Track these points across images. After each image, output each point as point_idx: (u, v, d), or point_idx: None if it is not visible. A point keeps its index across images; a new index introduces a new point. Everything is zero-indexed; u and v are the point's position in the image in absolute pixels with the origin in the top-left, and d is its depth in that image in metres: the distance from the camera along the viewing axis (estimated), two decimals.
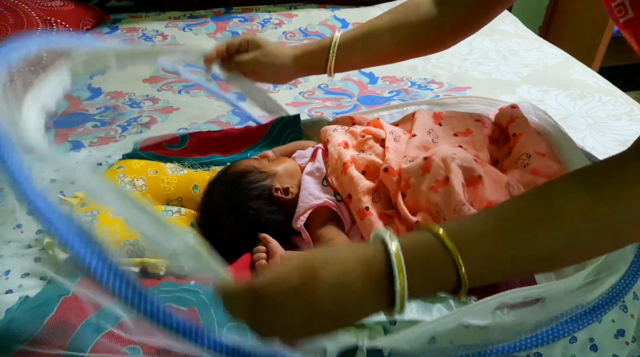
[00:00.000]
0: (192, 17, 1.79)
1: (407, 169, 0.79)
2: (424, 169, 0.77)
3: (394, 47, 0.89)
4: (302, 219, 0.81)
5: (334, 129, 0.93)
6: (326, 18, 1.79)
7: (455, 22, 0.87)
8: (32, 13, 1.46)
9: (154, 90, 1.36)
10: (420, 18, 0.86)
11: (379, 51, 0.90)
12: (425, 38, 0.89)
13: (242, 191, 0.84)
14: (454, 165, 0.74)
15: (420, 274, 0.44)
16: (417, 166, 0.77)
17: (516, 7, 2.29)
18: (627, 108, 1.22)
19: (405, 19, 0.87)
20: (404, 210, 0.76)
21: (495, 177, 0.77)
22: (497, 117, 0.94)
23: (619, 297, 0.62)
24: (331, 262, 0.45)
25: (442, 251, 0.45)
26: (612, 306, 0.62)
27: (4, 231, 0.84)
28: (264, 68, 0.90)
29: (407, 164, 0.79)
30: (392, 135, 0.87)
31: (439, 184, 0.74)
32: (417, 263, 0.44)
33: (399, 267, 0.43)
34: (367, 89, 1.36)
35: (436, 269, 0.45)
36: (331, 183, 0.85)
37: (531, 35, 1.66)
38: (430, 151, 0.80)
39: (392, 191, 0.80)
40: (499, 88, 1.33)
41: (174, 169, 0.94)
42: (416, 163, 0.78)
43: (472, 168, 0.75)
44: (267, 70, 0.91)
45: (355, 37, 0.88)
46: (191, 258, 0.46)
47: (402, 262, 0.44)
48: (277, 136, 1.06)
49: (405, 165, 0.79)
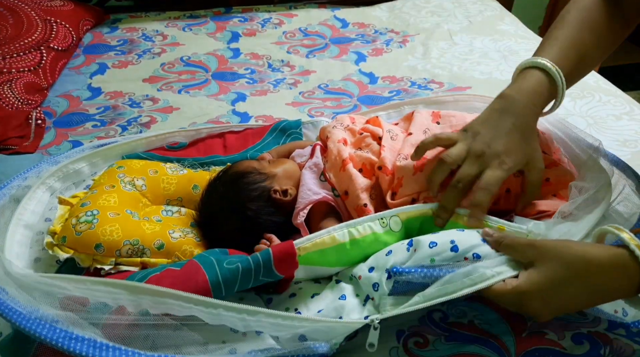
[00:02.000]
0: (192, 17, 1.79)
1: (399, 168, 0.80)
2: (416, 168, 0.78)
3: (597, 62, 0.87)
4: (302, 215, 0.82)
5: (334, 126, 0.93)
6: (326, 18, 1.79)
7: (633, 15, 0.82)
8: (32, 13, 1.46)
9: (154, 90, 1.36)
10: (607, 24, 0.81)
11: (586, 72, 0.86)
12: (618, 41, 0.84)
13: (241, 192, 0.84)
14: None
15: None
16: (410, 165, 0.79)
17: (516, 7, 2.29)
18: (627, 108, 1.22)
19: (596, 31, 0.80)
20: (391, 203, 0.80)
21: None
22: None
23: None
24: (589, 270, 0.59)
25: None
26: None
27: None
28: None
29: (401, 162, 0.80)
30: (389, 134, 0.88)
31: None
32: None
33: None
34: (367, 89, 1.36)
35: None
36: (329, 179, 0.85)
37: (531, 35, 1.66)
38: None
39: (384, 189, 0.82)
40: (499, 88, 1.31)
41: (173, 169, 0.94)
42: (408, 162, 0.80)
43: None
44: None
45: (571, 72, 0.78)
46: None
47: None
48: (277, 137, 1.06)
49: (400, 163, 0.80)
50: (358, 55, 1.55)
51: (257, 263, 0.66)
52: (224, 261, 0.68)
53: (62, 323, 0.60)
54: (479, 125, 0.76)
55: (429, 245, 0.66)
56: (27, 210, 0.83)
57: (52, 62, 1.38)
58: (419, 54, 1.54)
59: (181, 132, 1.06)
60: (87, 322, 0.61)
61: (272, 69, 1.48)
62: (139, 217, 0.84)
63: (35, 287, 0.63)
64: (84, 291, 0.62)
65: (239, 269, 0.66)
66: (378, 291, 0.67)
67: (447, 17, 1.77)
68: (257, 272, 0.66)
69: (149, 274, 0.69)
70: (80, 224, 0.78)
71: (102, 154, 0.98)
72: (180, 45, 1.60)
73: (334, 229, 0.71)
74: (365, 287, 0.70)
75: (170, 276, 0.67)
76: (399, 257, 0.68)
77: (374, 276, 0.68)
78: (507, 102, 0.76)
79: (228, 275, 0.65)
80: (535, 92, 0.75)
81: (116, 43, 1.61)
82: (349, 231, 0.71)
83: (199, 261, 0.69)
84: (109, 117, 1.24)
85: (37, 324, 0.59)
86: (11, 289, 0.64)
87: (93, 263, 0.76)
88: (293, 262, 0.68)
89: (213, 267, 0.67)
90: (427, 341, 0.68)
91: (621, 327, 0.68)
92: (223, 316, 0.60)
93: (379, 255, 0.71)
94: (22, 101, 1.23)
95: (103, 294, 0.62)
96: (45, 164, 0.94)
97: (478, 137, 0.74)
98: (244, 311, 0.61)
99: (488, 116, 0.76)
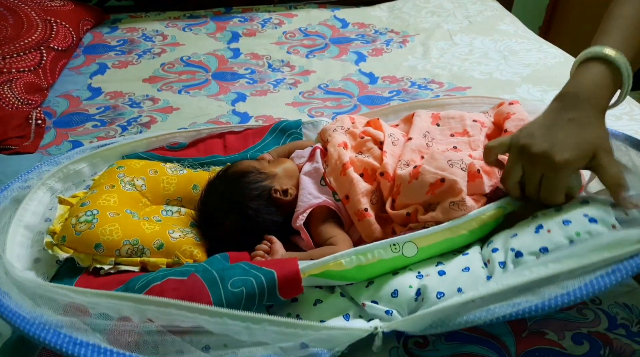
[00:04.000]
0: (192, 17, 1.79)
1: (399, 176, 0.80)
2: (411, 176, 0.78)
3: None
4: (301, 218, 0.82)
5: (334, 129, 0.93)
6: (326, 18, 1.79)
7: None
8: (32, 13, 1.46)
9: (154, 90, 1.36)
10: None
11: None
12: None
13: (241, 191, 0.84)
14: (455, 169, 0.76)
15: None
16: (406, 174, 0.78)
17: (516, 7, 2.29)
18: (627, 108, 1.22)
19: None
20: (388, 209, 0.79)
21: (488, 169, 0.79)
22: (495, 115, 0.95)
23: None
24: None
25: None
26: None
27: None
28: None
29: (401, 170, 0.81)
30: (391, 139, 0.87)
31: (435, 186, 0.75)
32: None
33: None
34: (367, 89, 1.36)
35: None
36: (329, 183, 0.85)
37: (531, 35, 1.66)
38: (420, 162, 0.82)
39: (385, 196, 0.82)
40: (499, 88, 1.33)
41: (173, 169, 0.94)
42: (406, 171, 0.79)
43: (472, 164, 0.77)
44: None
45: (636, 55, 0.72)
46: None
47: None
48: (277, 137, 1.06)
49: (400, 170, 0.80)
50: (358, 55, 1.55)
51: (261, 288, 0.65)
52: (228, 279, 0.66)
53: (67, 328, 0.60)
54: (534, 127, 0.71)
55: (563, 223, 0.66)
56: (28, 211, 0.83)
57: (52, 62, 1.38)
58: (419, 54, 1.54)
59: (182, 133, 1.06)
60: (90, 328, 0.61)
61: (272, 69, 1.48)
62: (138, 217, 0.84)
63: (38, 294, 0.64)
64: (87, 302, 0.63)
65: (243, 294, 0.65)
66: (505, 267, 0.66)
67: (447, 17, 1.77)
68: (261, 297, 0.66)
69: (149, 283, 0.68)
70: (80, 224, 0.78)
71: (103, 154, 0.98)
72: (180, 45, 1.60)
73: (341, 256, 0.68)
74: (377, 311, 0.68)
75: (172, 289, 0.66)
76: (526, 239, 0.67)
77: (497, 256, 0.68)
78: (565, 101, 0.70)
79: (232, 299, 0.65)
80: (597, 85, 0.69)
81: (116, 43, 1.61)
82: (356, 257, 0.69)
83: (203, 278, 0.67)
84: (109, 117, 1.24)
85: (41, 328, 0.59)
86: (15, 293, 0.64)
87: (93, 263, 0.76)
88: (298, 288, 0.67)
89: (217, 287, 0.66)
90: (427, 341, 0.68)
91: (621, 327, 0.68)
92: (228, 324, 0.60)
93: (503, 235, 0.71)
94: (22, 101, 1.23)
95: (106, 305, 0.62)
96: (45, 165, 0.94)
97: (531, 138, 0.69)
98: (248, 318, 0.61)
99: (545, 117, 0.71)
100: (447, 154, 0.79)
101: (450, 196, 0.73)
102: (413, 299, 0.67)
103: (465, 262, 0.70)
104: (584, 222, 0.66)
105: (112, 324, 0.62)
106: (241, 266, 0.70)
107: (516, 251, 0.67)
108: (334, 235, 0.79)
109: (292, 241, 0.85)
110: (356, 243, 0.81)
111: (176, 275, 0.70)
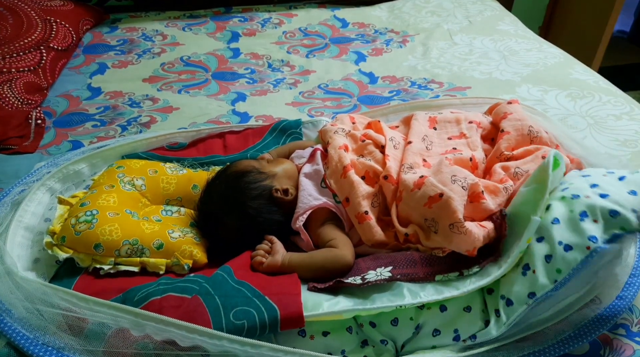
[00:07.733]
0: (192, 16, 1.79)
1: (403, 180, 0.79)
2: (415, 185, 0.77)
3: None
4: (301, 220, 0.82)
5: (335, 131, 0.93)
6: (326, 18, 1.79)
7: None
8: (32, 13, 1.46)
9: (154, 90, 1.36)
10: None
11: None
12: None
13: (242, 191, 0.84)
14: (455, 186, 0.74)
15: None
16: (411, 181, 0.78)
17: (516, 7, 2.29)
18: (627, 108, 1.22)
19: None
20: (394, 220, 0.78)
21: (493, 188, 0.78)
22: (493, 115, 0.96)
23: None
24: None
25: None
26: None
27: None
28: None
29: (405, 173, 0.80)
30: (392, 142, 0.88)
31: (433, 200, 0.74)
32: None
33: None
34: (367, 89, 1.36)
35: None
36: (329, 185, 0.85)
37: (531, 35, 1.66)
38: (422, 165, 0.82)
39: (389, 199, 0.81)
40: (499, 88, 1.33)
41: (173, 169, 0.94)
42: (411, 177, 0.79)
43: (476, 184, 0.75)
44: None
45: None
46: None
47: None
48: (277, 137, 1.06)
49: (404, 174, 0.80)
50: (358, 55, 1.55)
51: (263, 324, 0.66)
52: (230, 309, 0.66)
53: (68, 349, 0.62)
54: None
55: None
56: (28, 212, 0.84)
57: (52, 62, 1.38)
58: (419, 54, 1.54)
59: (181, 133, 1.06)
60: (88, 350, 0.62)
61: (272, 69, 1.48)
62: (138, 217, 0.84)
63: (39, 298, 0.65)
64: (87, 308, 0.64)
65: (245, 327, 0.65)
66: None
67: (447, 17, 1.77)
68: (262, 331, 0.66)
69: (149, 296, 0.68)
70: (79, 224, 0.78)
71: (102, 155, 0.98)
72: (180, 45, 1.60)
73: (345, 311, 0.68)
74: (375, 337, 0.69)
75: (172, 306, 0.66)
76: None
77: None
78: None
79: (232, 330, 0.64)
80: None
81: (116, 43, 1.61)
82: (358, 312, 0.69)
83: (205, 303, 0.67)
84: (109, 117, 1.23)
85: (44, 350, 0.62)
86: (17, 309, 0.65)
87: (92, 263, 0.76)
88: (299, 325, 0.67)
89: (219, 315, 0.66)
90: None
91: (621, 327, 0.68)
92: (226, 347, 0.61)
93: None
94: (22, 101, 1.23)
95: (106, 314, 0.64)
96: (45, 167, 0.94)
97: None
98: (247, 343, 0.62)
99: None
100: (454, 168, 0.78)
101: (444, 213, 0.72)
102: (411, 333, 0.68)
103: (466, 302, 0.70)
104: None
105: (110, 334, 0.63)
106: (244, 291, 0.69)
107: (507, 298, 0.67)
108: (335, 237, 0.79)
109: (292, 240, 0.85)
110: (356, 245, 0.81)
111: (177, 291, 0.69)
